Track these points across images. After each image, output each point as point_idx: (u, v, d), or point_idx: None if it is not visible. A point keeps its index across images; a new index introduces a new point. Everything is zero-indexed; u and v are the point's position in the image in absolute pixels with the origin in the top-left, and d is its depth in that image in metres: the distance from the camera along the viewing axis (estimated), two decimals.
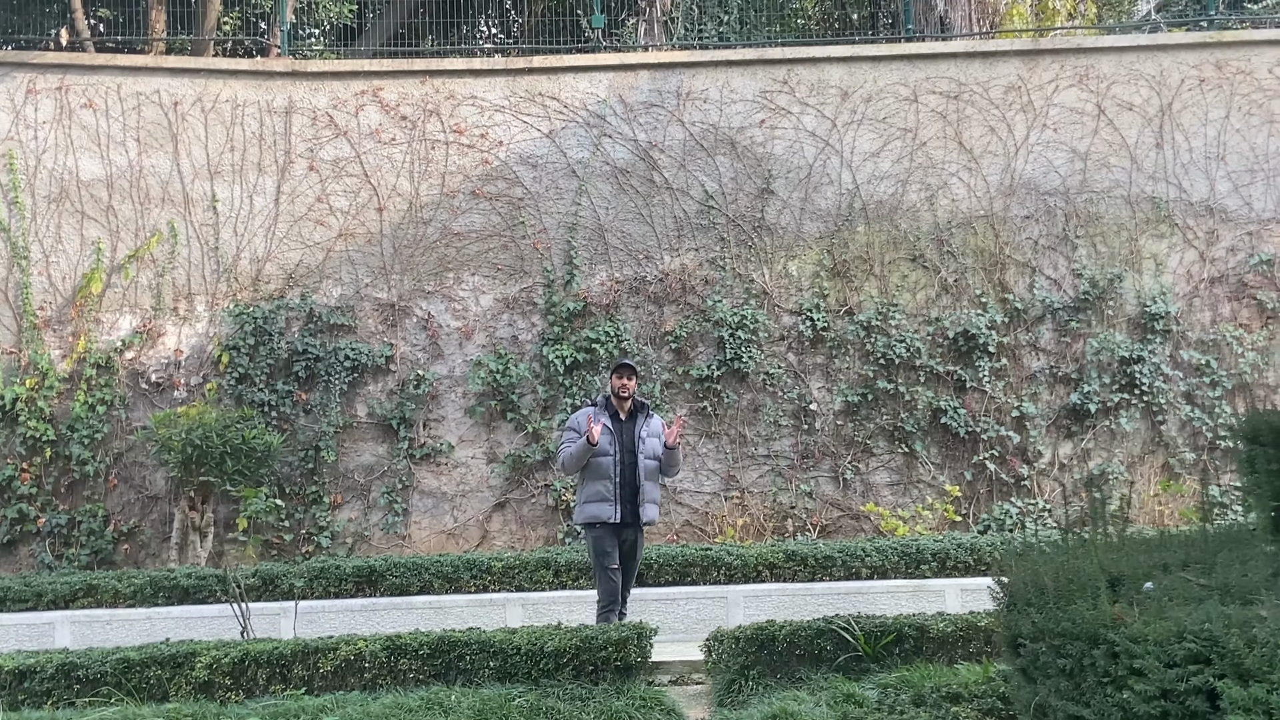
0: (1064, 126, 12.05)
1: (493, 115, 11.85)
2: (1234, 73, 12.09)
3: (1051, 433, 11.71)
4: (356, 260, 11.66)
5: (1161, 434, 11.77)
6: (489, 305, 11.74)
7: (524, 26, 14.21)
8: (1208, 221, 12.02)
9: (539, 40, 13.64)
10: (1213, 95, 12.10)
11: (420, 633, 6.24)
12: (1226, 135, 12.05)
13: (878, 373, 11.71)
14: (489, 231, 11.77)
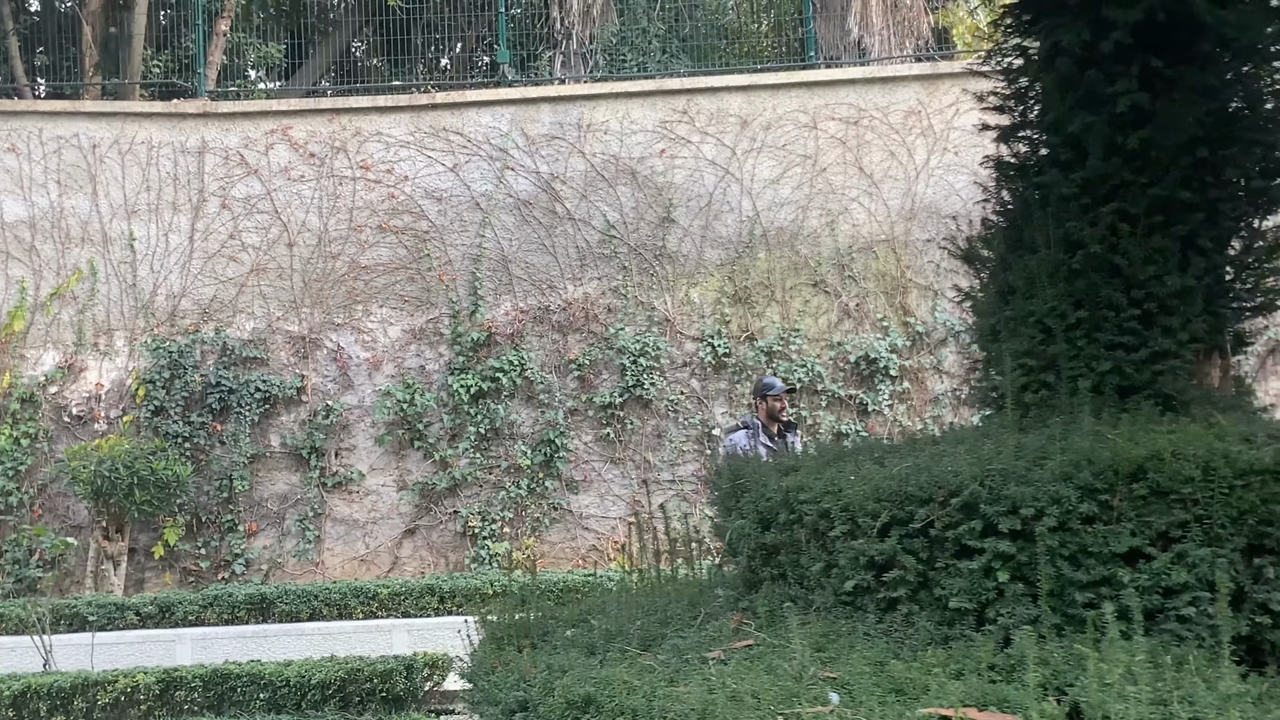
0: (965, 149, 12.56)
1: (398, 151, 12.61)
2: None
3: None
4: (268, 294, 12.46)
5: None
6: (397, 336, 12.49)
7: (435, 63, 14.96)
8: None
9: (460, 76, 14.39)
10: None
11: (196, 665, 6.97)
12: None
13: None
14: (396, 264, 12.52)
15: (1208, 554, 3.01)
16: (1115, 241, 3.53)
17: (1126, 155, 3.53)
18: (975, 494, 3.05)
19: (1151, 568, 3.03)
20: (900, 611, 3.18)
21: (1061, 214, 3.60)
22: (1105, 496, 3.06)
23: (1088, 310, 3.56)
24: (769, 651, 3.01)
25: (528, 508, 12.27)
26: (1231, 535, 3.05)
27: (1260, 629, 3.07)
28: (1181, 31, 3.48)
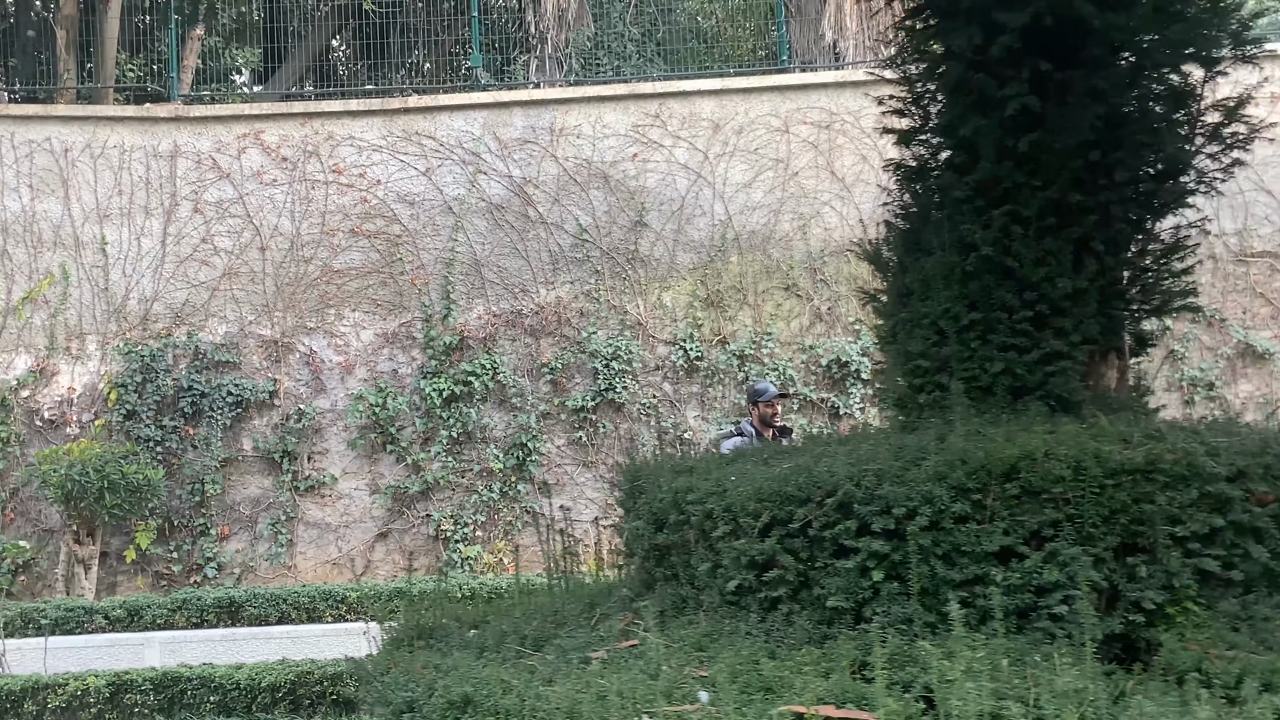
0: None
1: (371, 155, 12.67)
2: None
3: None
4: (241, 299, 12.52)
5: None
6: (369, 340, 12.55)
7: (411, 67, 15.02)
8: None
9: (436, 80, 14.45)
10: None
11: (147, 669, 7.02)
12: None
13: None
14: (368, 268, 12.58)
15: (1079, 553, 3.05)
16: (1008, 244, 3.58)
17: (1018, 158, 3.57)
18: (850, 494, 3.09)
19: (1024, 566, 3.07)
20: (781, 611, 3.22)
21: (956, 216, 3.64)
22: (978, 496, 3.10)
23: (981, 312, 3.60)
24: (651, 651, 3.05)
25: (500, 511, 12.32)
26: (1104, 534, 3.09)
27: (1134, 627, 3.11)
28: (1072, 35, 3.52)
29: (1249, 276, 12.52)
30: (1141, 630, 3.10)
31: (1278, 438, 3.20)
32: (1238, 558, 3.12)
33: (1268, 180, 12.55)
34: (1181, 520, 3.07)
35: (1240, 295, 12.52)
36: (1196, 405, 12.35)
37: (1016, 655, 2.89)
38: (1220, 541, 3.11)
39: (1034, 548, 3.09)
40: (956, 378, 3.54)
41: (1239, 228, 12.55)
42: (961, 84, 3.60)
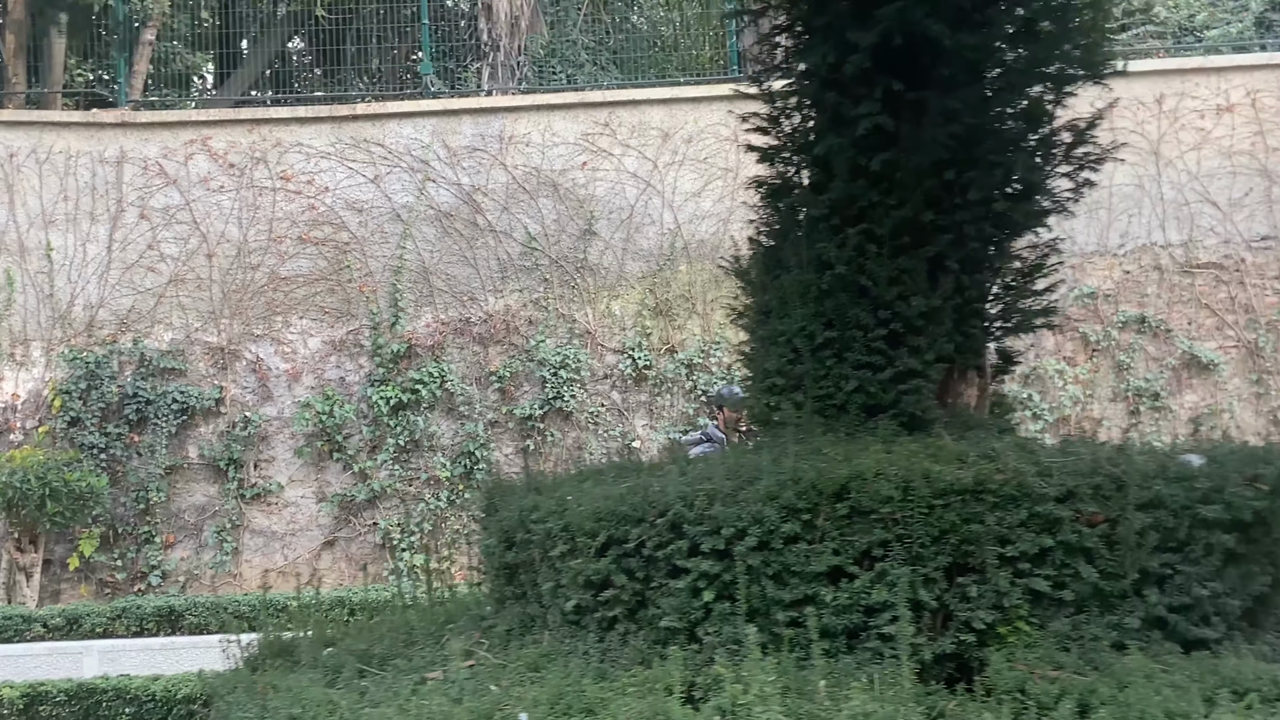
0: None
1: (319, 162, 12.65)
2: None
3: None
4: (187, 305, 12.48)
5: None
6: (317, 347, 12.52)
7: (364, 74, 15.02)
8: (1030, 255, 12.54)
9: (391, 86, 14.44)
10: None
11: (63, 680, 6.98)
12: None
13: (700, 409, 12.35)
14: (316, 275, 12.55)
15: (907, 573, 3.06)
16: (862, 262, 3.60)
17: (872, 177, 3.59)
18: (680, 514, 3.10)
19: (853, 587, 3.09)
20: (618, 630, 3.23)
21: (812, 235, 3.66)
22: (808, 516, 3.12)
23: (837, 330, 3.61)
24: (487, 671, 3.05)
25: (447, 519, 12.30)
26: (934, 554, 3.10)
27: (967, 647, 3.13)
28: (926, 55, 3.54)
29: (1194, 288, 12.61)
30: (974, 650, 3.11)
31: (1112, 458, 3.22)
32: (1069, 578, 3.14)
33: (1213, 192, 12.65)
34: (1011, 540, 3.09)
35: (1185, 306, 12.60)
36: (1142, 415, 12.44)
37: (840, 675, 2.90)
38: (1051, 562, 3.13)
39: (864, 568, 3.11)
40: (809, 395, 3.56)
41: (1185, 239, 12.65)
42: (817, 102, 3.62)
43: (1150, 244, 12.64)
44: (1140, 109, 12.70)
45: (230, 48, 14.56)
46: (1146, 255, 12.64)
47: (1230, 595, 3.21)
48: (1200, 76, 12.73)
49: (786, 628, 3.05)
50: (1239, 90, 12.69)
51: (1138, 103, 12.69)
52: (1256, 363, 12.46)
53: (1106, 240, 12.66)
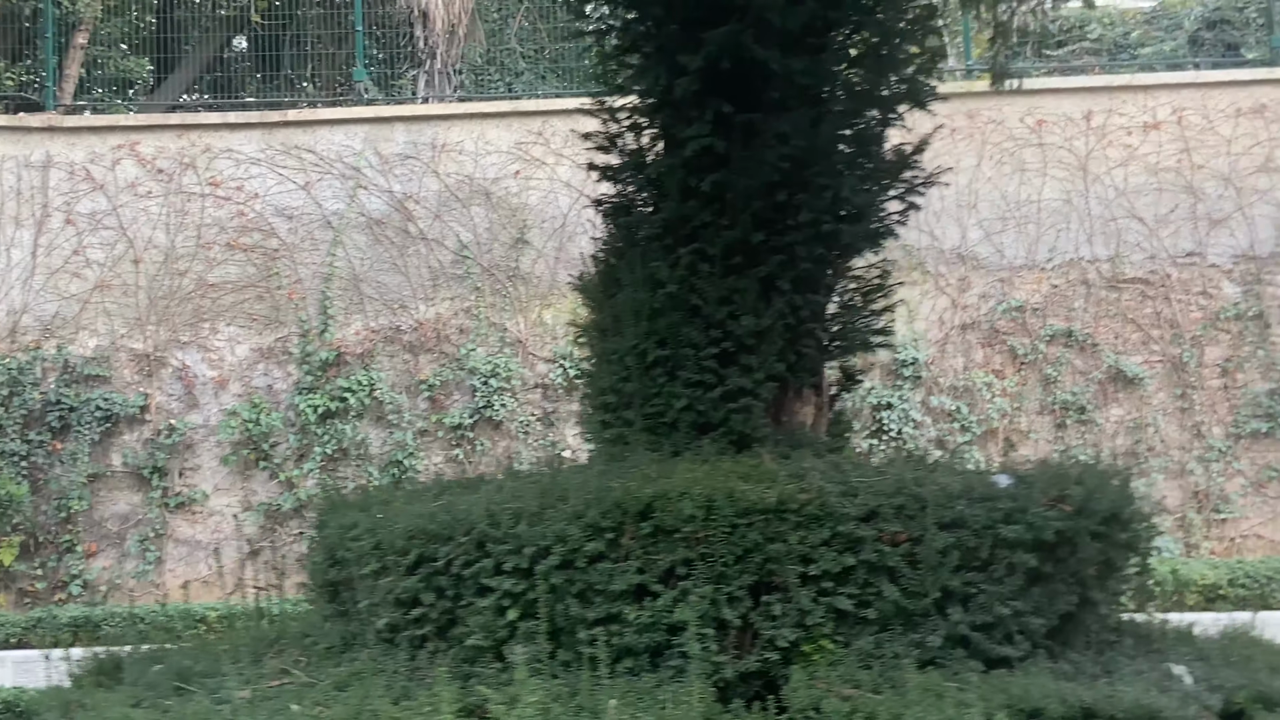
0: None
1: (249, 168, 12.61)
2: (985, 122, 12.81)
3: None
4: (113, 311, 12.40)
5: None
6: (244, 355, 12.46)
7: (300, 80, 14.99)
8: (960, 269, 12.70)
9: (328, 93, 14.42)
10: (965, 144, 12.80)
11: None
12: (978, 183, 12.75)
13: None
14: (245, 282, 12.50)
15: (710, 591, 3.11)
16: (694, 282, 3.65)
17: (704, 198, 3.64)
18: (485, 533, 3.14)
19: (656, 605, 3.13)
20: (428, 649, 3.25)
21: (647, 254, 3.71)
22: (613, 535, 3.16)
23: (670, 349, 3.66)
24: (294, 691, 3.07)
25: None
26: (738, 573, 3.15)
27: (771, 664, 3.18)
28: (757, 79, 3.60)
29: (1120, 302, 12.77)
30: (779, 668, 3.16)
31: (917, 478, 3.28)
32: (872, 596, 3.20)
33: (1140, 208, 12.83)
34: (814, 559, 3.15)
35: (1112, 321, 12.76)
36: (1068, 428, 12.59)
37: (639, 694, 2.93)
38: (854, 580, 3.18)
39: (668, 586, 3.15)
40: (639, 413, 3.60)
41: (1111, 254, 12.81)
42: (652, 123, 3.68)
43: (1078, 259, 12.79)
44: (1069, 125, 12.88)
45: (167, 53, 14.48)
46: (1074, 270, 12.79)
47: (1034, 614, 3.28)
48: (1128, 94, 12.91)
49: (591, 646, 3.09)
50: (1166, 108, 12.88)
51: (1066, 119, 12.87)
52: (1181, 377, 12.63)
53: (1035, 254, 12.81)
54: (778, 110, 3.63)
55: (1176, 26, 15.16)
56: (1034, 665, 3.20)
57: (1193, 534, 12.36)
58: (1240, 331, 12.67)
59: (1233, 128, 12.80)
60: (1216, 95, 12.86)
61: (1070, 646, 3.36)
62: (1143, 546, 3.69)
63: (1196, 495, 12.52)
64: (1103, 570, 3.45)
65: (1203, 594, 10.90)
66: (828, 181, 3.64)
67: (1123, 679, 3.18)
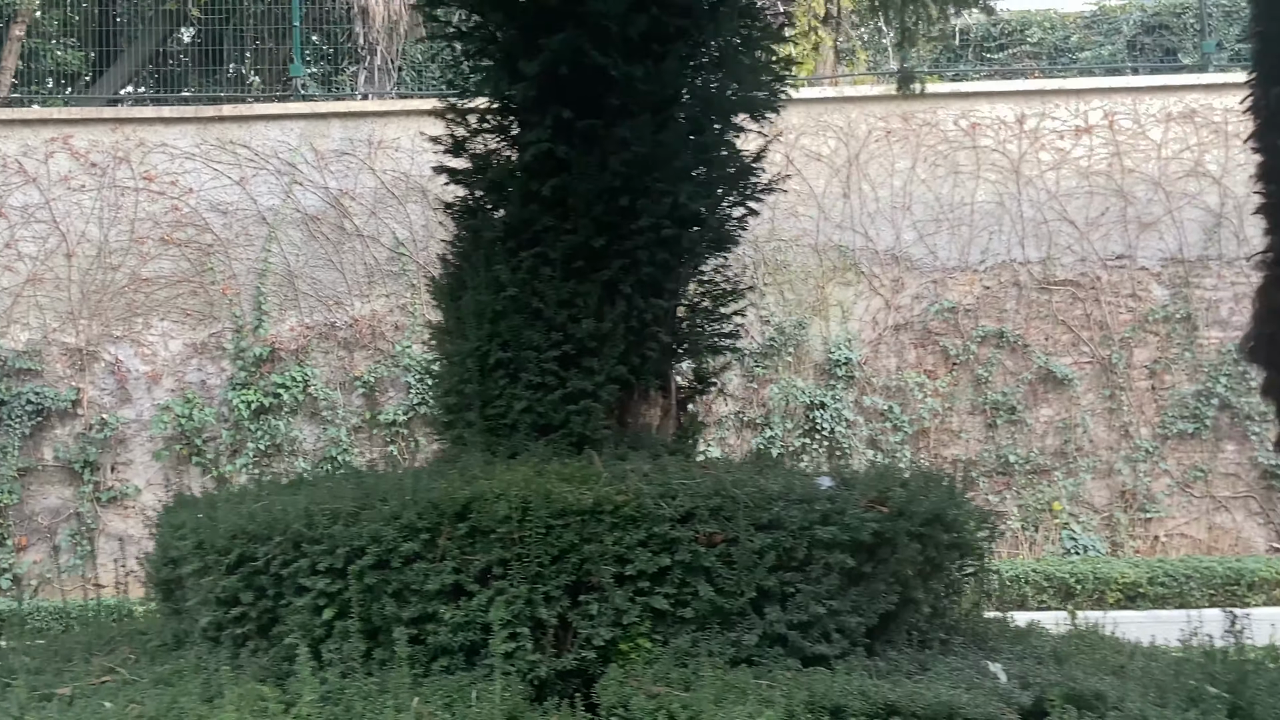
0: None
1: (184, 163, 12.55)
2: (920, 124, 12.90)
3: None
4: (45, 305, 12.32)
5: None
6: (178, 350, 12.41)
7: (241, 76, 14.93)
8: (893, 270, 12.80)
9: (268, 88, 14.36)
10: (899, 146, 12.90)
11: None
12: (912, 185, 12.85)
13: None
14: (178, 277, 12.44)
15: (525, 591, 3.15)
16: (536, 285, 3.69)
17: (545, 202, 3.68)
18: (300, 533, 3.17)
19: (471, 605, 3.17)
20: (249, 647, 3.28)
21: (491, 256, 3.75)
22: (428, 536, 3.19)
23: (512, 351, 3.70)
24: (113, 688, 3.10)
25: None
26: (555, 573, 3.19)
27: (589, 663, 3.22)
28: (600, 85, 3.64)
29: (1051, 304, 12.91)
30: (597, 666, 3.21)
31: (737, 480, 3.33)
32: (689, 596, 3.25)
33: (1071, 211, 12.97)
34: (629, 560, 3.19)
35: (1043, 322, 12.90)
36: (999, 429, 12.72)
37: (449, 692, 2.97)
38: (670, 580, 3.23)
39: (484, 586, 3.19)
40: (480, 414, 3.64)
41: (1043, 256, 12.94)
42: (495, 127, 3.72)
43: (1010, 260, 12.92)
44: (1002, 128, 13.01)
45: (108, 45, 14.38)
46: (1006, 271, 12.92)
47: (853, 613, 3.34)
48: (1060, 98, 13.05)
49: (406, 645, 3.12)
50: (1097, 112, 13.03)
51: (1000, 122, 12.99)
52: (1109, 378, 12.79)
53: (968, 256, 12.93)
54: (620, 116, 3.67)
55: (1115, 31, 15.32)
56: (851, 663, 3.25)
57: (1119, 533, 12.53)
58: (1168, 333, 12.83)
59: (1163, 132, 12.95)
60: (1148, 100, 13.01)
61: (893, 645, 3.43)
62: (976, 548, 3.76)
63: (1124, 495, 12.68)
64: (927, 570, 3.51)
65: (1123, 592, 11.05)
66: (668, 187, 3.69)
67: (936, 676, 3.25)
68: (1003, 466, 12.65)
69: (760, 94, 4.02)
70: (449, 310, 3.86)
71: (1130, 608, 10.94)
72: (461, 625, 3.14)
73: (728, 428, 12.61)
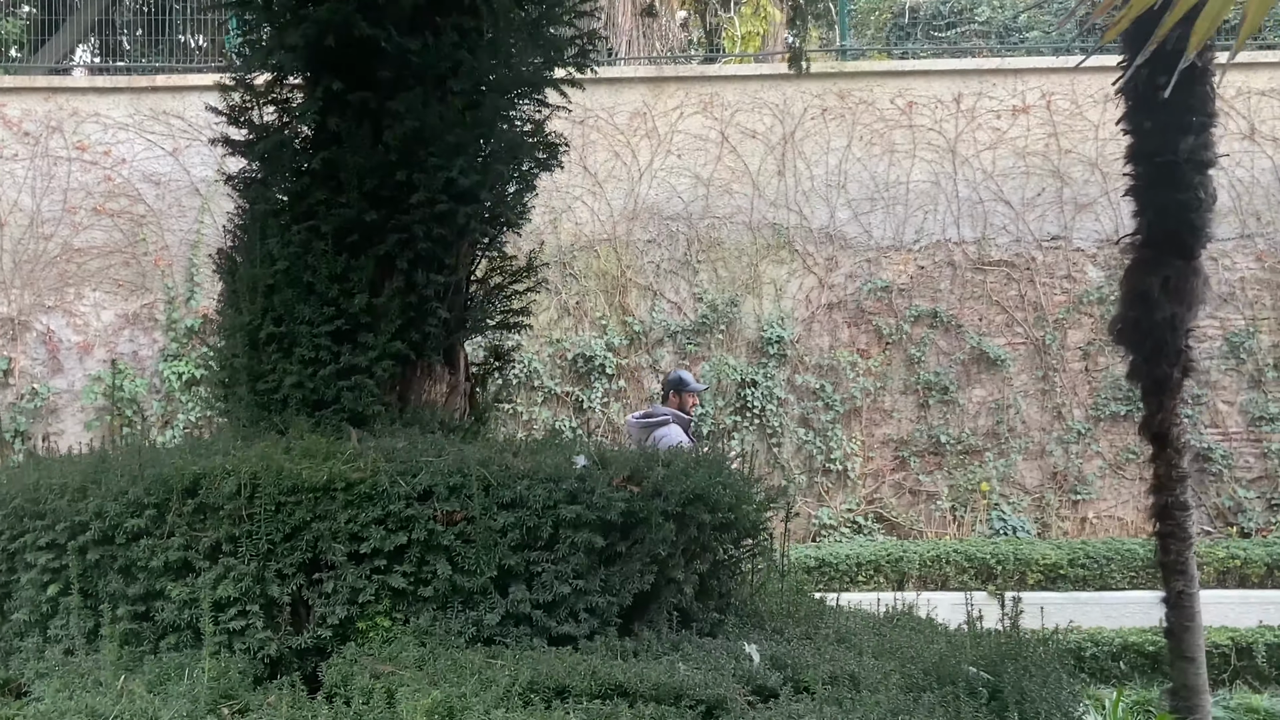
0: (688, 153, 12.73)
1: (116, 133, 12.44)
2: (856, 103, 12.78)
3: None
4: None
5: (776, 456, 12.46)
6: (110, 321, 12.34)
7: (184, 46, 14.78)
8: (828, 248, 12.72)
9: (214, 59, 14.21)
10: (835, 124, 12.79)
11: None
12: (848, 164, 12.75)
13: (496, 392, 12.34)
14: (111, 248, 12.36)
15: (254, 569, 3.10)
16: (308, 259, 3.62)
17: (317, 176, 3.61)
18: (22, 507, 3.12)
19: (198, 582, 3.12)
20: None
21: (265, 229, 3.68)
22: (155, 511, 3.15)
23: (285, 326, 3.64)
24: None
25: None
26: (288, 550, 3.14)
27: (325, 641, 3.18)
28: (374, 58, 3.57)
29: (985, 284, 12.84)
30: (335, 644, 3.17)
31: (484, 459, 3.28)
32: (429, 575, 3.20)
33: (1007, 192, 12.88)
34: (364, 538, 3.15)
35: (977, 303, 12.83)
36: (931, 409, 12.67)
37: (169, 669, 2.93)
38: (409, 559, 3.18)
39: (213, 563, 3.15)
40: (250, 389, 3.59)
41: (978, 237, 12.86)
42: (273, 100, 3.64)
43: (945, 240, 12.83)
44: (939, 108, 12.89)
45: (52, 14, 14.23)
46: (940, 251, 12.84)
47: (603, 593, 3.29)
48: (998, 78, 12.92)
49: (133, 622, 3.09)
50: (1035, 92, 12.91)
51: (937, 101, 12.87)
52: (1043, 359, 12.73)
53: (902, 235, 12.85)
54: (390, 89, 3.60)
55: (1065, 11, 15.16)
56: (599, 644, 3.21)
57: (1048, 514, 12.50)
58: (1102, 315, 12.74)
59: (1100, 113, 12.81)
60: (1085, 80, 12.87)
61: (653, 625, 3.38)
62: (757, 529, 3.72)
63: (1055, 476, 12.65)
64: (692, 551, 3.47)
65: (1044, 574, 11.03)
66: (442, 162, 3.62)
67: (684, 657, 3.21)
68: (934, 446, 12.61)
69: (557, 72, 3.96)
70: (227, 284, 3.80)
71: (1051, 589, 10.92)
72: (189, 602, 3.10)
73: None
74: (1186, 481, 6.00)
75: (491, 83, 3.67)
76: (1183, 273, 5.83)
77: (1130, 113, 6.08)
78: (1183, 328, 5.88)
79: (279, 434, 3.51)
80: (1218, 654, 7.50)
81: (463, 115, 3.61)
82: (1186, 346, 5.93)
